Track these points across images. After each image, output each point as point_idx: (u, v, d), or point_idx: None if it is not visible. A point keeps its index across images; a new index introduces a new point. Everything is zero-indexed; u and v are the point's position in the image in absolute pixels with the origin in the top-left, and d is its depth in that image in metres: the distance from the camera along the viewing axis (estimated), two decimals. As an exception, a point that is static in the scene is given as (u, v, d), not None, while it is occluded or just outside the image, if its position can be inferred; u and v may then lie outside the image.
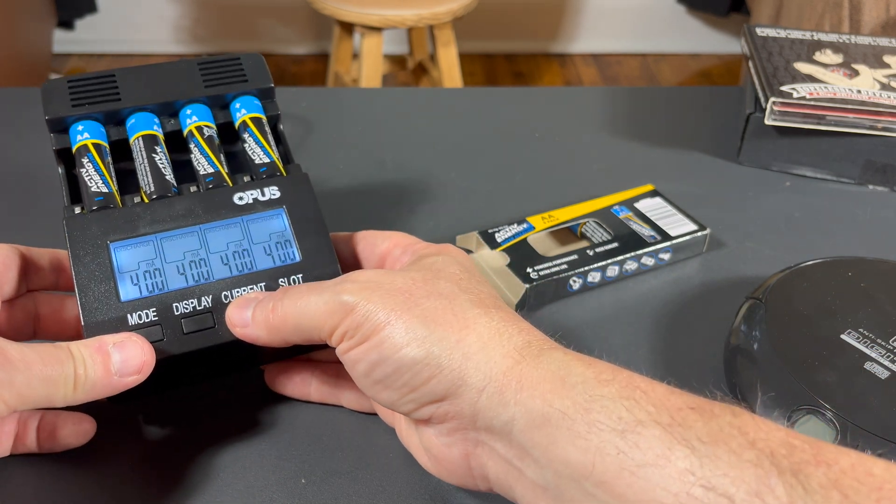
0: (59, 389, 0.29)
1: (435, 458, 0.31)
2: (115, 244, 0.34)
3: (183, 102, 0.39)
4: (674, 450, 0.24)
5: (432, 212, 0.53)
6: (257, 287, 0.34)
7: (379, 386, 0.30)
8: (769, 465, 0.23)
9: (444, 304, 0.30)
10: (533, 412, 0.27)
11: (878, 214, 0.54)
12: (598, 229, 0.49)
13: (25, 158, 0.58)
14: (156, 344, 0.32)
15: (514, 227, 0.48)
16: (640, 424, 0.25)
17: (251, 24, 2.41)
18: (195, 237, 0.35)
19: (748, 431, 0.24)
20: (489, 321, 0.30)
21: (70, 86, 0.38)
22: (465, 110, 0.67)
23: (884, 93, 0.56)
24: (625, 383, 0.26)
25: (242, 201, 0.37)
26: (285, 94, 0.68)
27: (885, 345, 0.37)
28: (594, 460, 0.25)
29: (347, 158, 0.59)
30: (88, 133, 0.38)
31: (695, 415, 0.25)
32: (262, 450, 0.36)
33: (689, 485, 0.23)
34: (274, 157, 0.39)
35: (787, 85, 0.57)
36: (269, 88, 0.41)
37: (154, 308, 0.33)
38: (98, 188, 0.36)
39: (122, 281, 0.33)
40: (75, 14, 2.17)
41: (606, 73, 2.43)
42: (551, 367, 0.28)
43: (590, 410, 0.26)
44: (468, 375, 0.28)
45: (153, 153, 0.38)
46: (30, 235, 0.50)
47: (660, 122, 0.66)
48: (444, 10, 1.65)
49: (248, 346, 0.33)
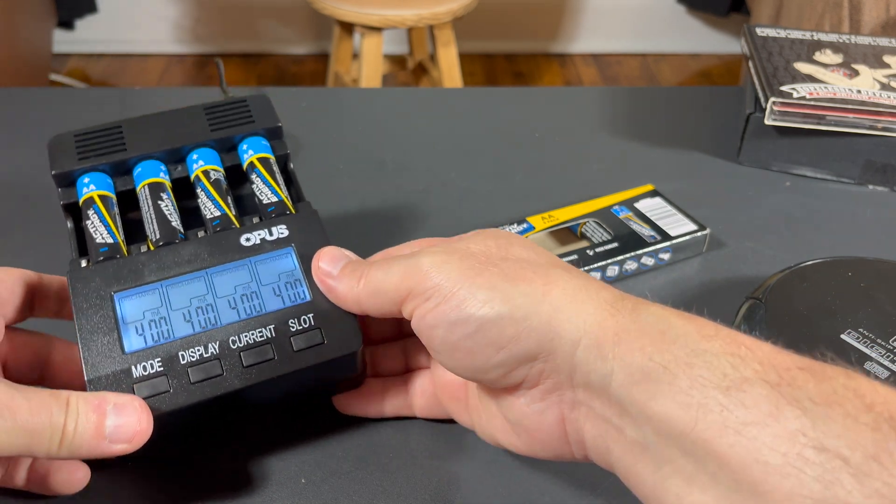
0: (41, 443, 0.28)
1: (527, 430, 0.30)
2: (119, 294, 0.33)
3: (190, 148, 0.39)
4: (783, 409, 0.22)
5: (432, 212, 0.53)
6: (266, 330, 0.33)
7: (461, 353, 0.29)
8: (888, 429, 0.21)
9: (523, 264, 0.29)
10: (632, 366, 0.25)
11: (878, 214, 0.54)
12: (598, 229, 0.49)
13: (25, 158, 0.58)
14: (162, 395, 0.31)
15: (514, 227, 0.48)
16: (746, 382, 0.23)
17: (251, 24, 2.41)
18: (202, 282, 0.34)
19: (864, 394, 0.22)
20: (572, 278, 0.29)
21: (77, 140, 0.38)
22: (465, 110, 0.67)
23: (884, 93, 0.56)
24: (729, 339, 0.25)
25: (250, 242, 0.36)
26: (285, 94, 0.68)
27: (885, 345, 0.37)
28: (696, 416, 0.24)
29: (347, 158, 0.59)
30: (94, 185, 0.37)
31: (805, 374, 0.23)
32: (262, 449, 0.36)
33: (801, 445, 0.22)
34: (282, 195, 0.38)
35: (787, 85, 0.57)
36: (276, 128, 0.40)
37: (159, 358, 0.32)
38: (103, 239, 0.35)
39: (125, 332, 0.32)
40: (75, 14, 2.17)
41: (606, 73, 2.43)
42: (649, 321, 0.26)
43: (692, 365, 0.24)
44: (560, 328, 0.27)
45: (159, 200, 0.37)
46: (29, 235, 0.50)
47: (660, 122, 0.66)
48: (444, 10, 1.65)
49: (258, 392, 0.32)
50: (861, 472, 0.21)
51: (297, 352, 0.33)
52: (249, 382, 0.32)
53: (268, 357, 0.32)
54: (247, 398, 0.33)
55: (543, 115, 0.66)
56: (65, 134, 0.38)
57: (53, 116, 0.63)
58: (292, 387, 0.34)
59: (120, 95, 0.67)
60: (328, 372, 0.34)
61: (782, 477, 0.22)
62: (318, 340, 0.33)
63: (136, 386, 0.31)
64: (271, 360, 0.32)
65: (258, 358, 0.32)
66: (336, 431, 0.37)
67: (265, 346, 0.33)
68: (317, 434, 0.37)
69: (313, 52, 2.48)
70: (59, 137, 0.38)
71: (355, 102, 0.68)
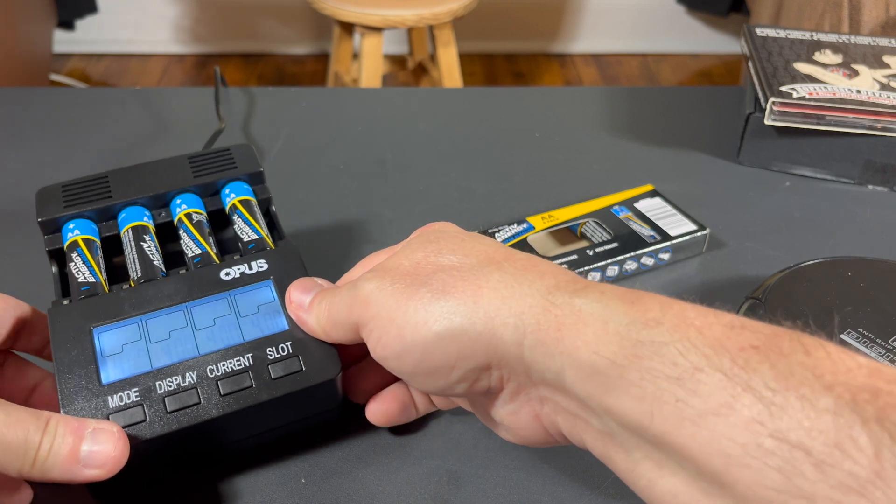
0: (14, 460, 0.27)
1: (509, 428, 0.31)
2: (98, 329, 0.34)
3: (173, 193, 0.40)
4: (738, 398, 0.21)
5: (432, 212, 0.53)
6: (244, 359, 0.33)
7: (420, 377, 0.29)
8: (850, 414, 0.20)
9: (452, 272, 0.29)
10: (580, 362, 0.25)
11: (878, 214, 0.54)
12: (598, 229, 0.49)
13: (25, 158, 0.58)
14: (138, 425, 0.31)
15: (514, 227, 0.48)
16: (698, 371, 0.22)
17: (251, 24, 2.41)
18: (181, 315, 0.35)
19: (823, 374, 0.21)
20: (502, 275, 0.28)
21: (63, 190, 0.39)
22: (465, 110, 0.67)
23: (883, 93, 0.56)
24: (676, 321, 0.24)
25: (229, 276, 0.36)
26: (285, 94, 0.68)
27: (884, 345, 0.37)
28: (652, 409, 0.23)
29: (347, 158, 0.59)
30: (79, 230, 0.38)
31: (759, 356, 0.22)
32: (263, 449, 0.36)
33: (759, 435, 0.21)
34: (262, 233, 0.39)
35: (786, 85, 0.57)
36: (258, 173, 0.41)
37: (136, 388, 0.32)
38: (85, 279, 0.36)
39: (103, 365, 0.32)
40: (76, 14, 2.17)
41: (606, 73, 2.43)
42: (591, 310, 0.25)
43: (640, 357, 0.24)
44: (499, 332, 0.27)
45: (142, 241, 0.38)
46: (29, 235, 0.50)
47: (660, 122, 0.66)
48: (445, 10, 1.65)
49: (236, 423, 0.32)
50: (824, 463, 0.20)
51: (274, 379, 0.33)
52: (227, 410, 0.32)
53: (245, 385, 0.32)
54: (225, 431, 0.33)
55: (543, 115, 0.66)
56: (52, 185, 0.40)
57: (53, 116, 0.64)
58: (271, 420, 0.34)
59: (120, 95, 0.67)
60: (307, 401, 0.34)
61: (742, 467, 0.21)
62: (296, 368, 0.33)
63: (113, 416, 0.31)
64: (249, 387, 0.32)
65: (236, 386, 0.32)
66: (336, 431, 0.37)
67: (243, 374, 0.33)
68: (317, 434, 0.37)
69: (313, 52, 2.48)
70: (46, 189, 0.39)
71: (355, 102, 0.68)
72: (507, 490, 0.34)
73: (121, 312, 0.34)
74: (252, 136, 0.61)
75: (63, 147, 0.60)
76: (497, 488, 0.34)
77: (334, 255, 0.49)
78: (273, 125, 0.63)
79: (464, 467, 0.35)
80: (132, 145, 0.60)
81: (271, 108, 0.66)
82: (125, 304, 0.35)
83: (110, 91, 0.69)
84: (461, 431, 0.37)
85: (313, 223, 0.52)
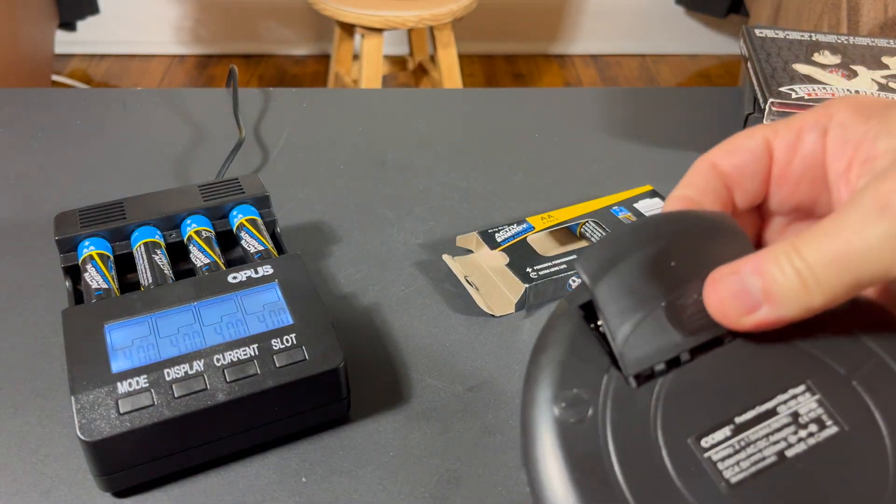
0: None
1: None
2: (109, 326, 0.35)
3: (184, 215, 0.43)
4: None
5: (432, 212, 0.53)
6: (250, 349, 0.34)
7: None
8: None
9: None
10: None
11: (876, 215, 0.54)
12: (598, 229, 0.49)
13: (26, 159, 0.58)
14: (146, 409, 0.32)
15: (513, 227, 0.48)
16: None
17: (252, 25, 2.42)
18: (189, 314, 0.36)
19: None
20: None
21: (81, 214, 0.42)
22: (464, 111, 0.67)
23: (882, 93, 0.56)
24: None
25: (236, 280, 0.38)
26: (286, 94, 0.68)
27: (882, 344, 0.37)
28: None
29: (347, 158, 0.59)
30: (94, 246, 0.41)
31: None
32: (263, 448, 0.36)
33: None
34: (268, 245, 0.42)
35: (785, 86, 0.57)
36: (264, 197, 0.44)
37: (145, 375, 0.33)
38: (98, 285, 0.38)
39: (114, 357, 0.34)
40: (77, 15, 2.17)
41: (606, 73, 2.43)
42: None
43: None
44: None
45: (153, 254, 0.41)
46: (28, 235, 0.50)
47: (659, 123, 0.66)
48: (445, 11, 1.66)
49: (241, 411, 0.33)
50: None
51: (279, 367, 0.34)
52: (232, 396, 0.33)
53: (251, 373, 0.34)
54: (231, 418, 0.34)
55: (543, 116, 0.66)
56: (70, 211, 0.42)
57: (55, 117, 0.64)
58: (276, 410, 0.34)
59: (121, 96, 0.68)
60: (311, 392, 0.35)
61: None
62: (300, 357, 0.34)
63: (121, 401, 0.32)
64: (254, 375, 0.34)
65: (241, 373, 0.33)
66: (337, 429, 0.37)
67: (248, 362, 0.34)
68: (317, 432, 0.37)
69: (314, 53, 2.48)
70: (64, 213, 0.42)
71: (356, 103, 0.68)
72: (507, 490, 0.34)
73: (132, 312, 0.36)
74: (253, 137, 0.62)
75: (64, 148, 0.60)
76: (497, 488, 0.35)
77: (334, 256, 0.49)
78: (274, 126, 0.63)
79: (464, 467, 0.36)
80: (133, 146, 0.60)
81: (272, 109, 0.66)
82: (136, 305, 0.36)
83: (112, 92, 0.69)
84: (461, 431, 0.37)
85: (313, 223, 0.52)
